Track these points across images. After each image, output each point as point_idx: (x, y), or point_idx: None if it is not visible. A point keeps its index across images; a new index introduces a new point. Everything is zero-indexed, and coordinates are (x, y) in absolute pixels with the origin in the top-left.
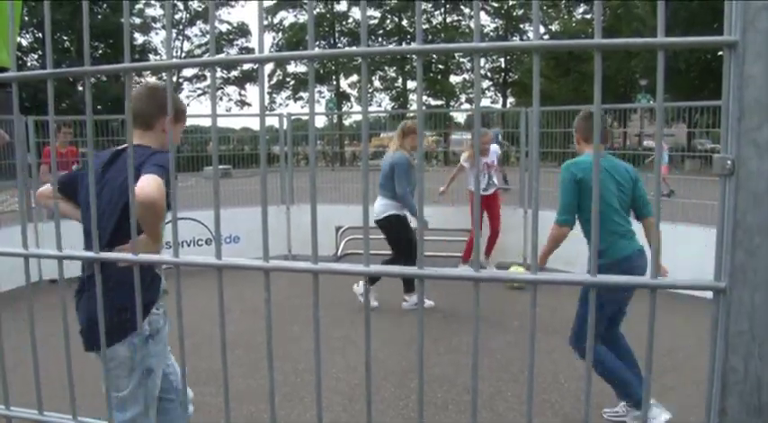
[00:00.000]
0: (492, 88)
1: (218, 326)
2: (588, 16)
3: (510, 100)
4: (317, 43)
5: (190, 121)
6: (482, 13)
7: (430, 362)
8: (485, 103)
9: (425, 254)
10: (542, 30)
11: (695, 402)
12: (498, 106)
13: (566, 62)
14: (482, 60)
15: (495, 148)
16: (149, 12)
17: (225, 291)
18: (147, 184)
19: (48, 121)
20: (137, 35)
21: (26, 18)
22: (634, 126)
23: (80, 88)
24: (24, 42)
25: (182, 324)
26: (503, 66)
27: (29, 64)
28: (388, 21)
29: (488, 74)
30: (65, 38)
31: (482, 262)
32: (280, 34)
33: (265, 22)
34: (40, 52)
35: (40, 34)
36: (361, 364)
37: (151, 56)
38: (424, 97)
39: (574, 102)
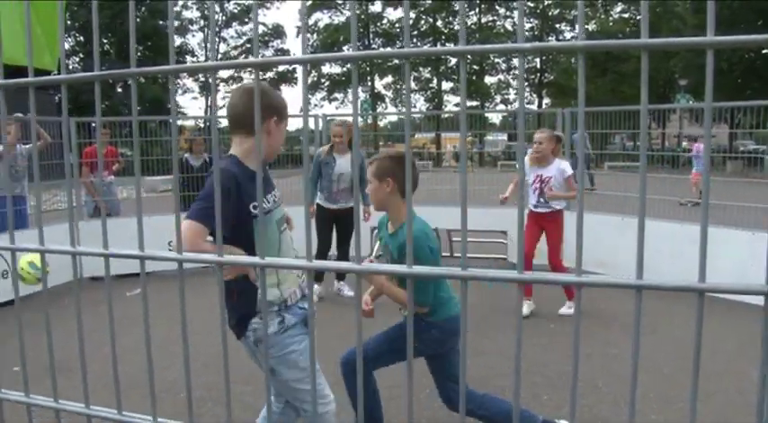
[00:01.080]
0: (528, 89)
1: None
2: (626, 15)
3: (546, 101)
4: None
5: (225, 123)
6: (517, 13)
7: (472, 361)
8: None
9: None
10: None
11: (738, 409)
12: (534, 107)
13: (603, 62)
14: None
15: (563, 165)
16: (186, 14)
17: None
18: (187, 234)
19: (88, 122)
20: (175, 37)
21: (68, 22)
22: (673, 127)
23: (119, 90)
24: (66, 46)
25: (224, 322)
26: (538, 66)
27: (70, 67)
28: (422, 22)
29: (524, 74)
30: (104, 41)
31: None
32: (315, 35)
33: (299, 23)
34: (80, 55)
35: (81, 38)
36: (399, 366)
37: (188, 57)
38: (457, 98)
39: (611, 102)
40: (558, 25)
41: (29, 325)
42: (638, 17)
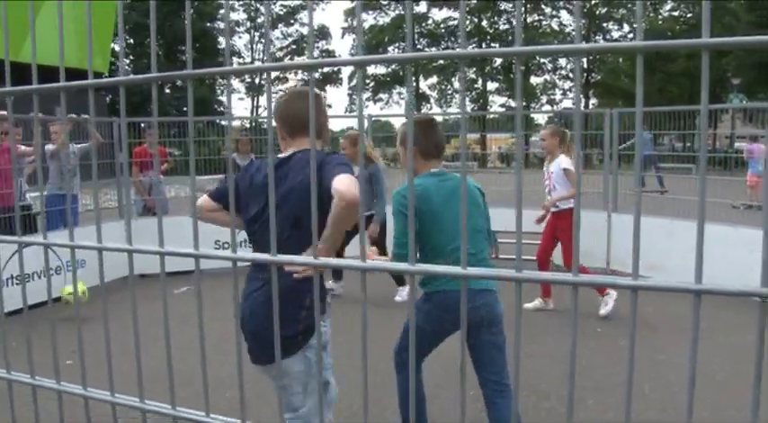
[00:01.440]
0: (574, 89)
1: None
2: (675, 13)
3: (592, 101)
4: (396, 45)
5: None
6: (563, 12)
7: (511, 366)
8: (565, 104)
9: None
10: (627, 29)
11: None
12: (580, 107)
13: (649, 62)
14: (563, 61)
15: (561, 160)
16: (233, 16)
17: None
18: (352, 185)
19: (138, 122)
20: (221, 39)
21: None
22: (724, 127)
23: (167, 91)
24: (116, 48)
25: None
26: (585, 66)
27: (122, 68)
28: (467, 21)
29: (569, 75)
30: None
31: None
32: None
33: (345, 24)
34: (131, 57)
35: (131, 40)
36: (440, 365)
37: (235, 59)
38: (503, 99)
39: (658, 102)
40: (605, 24)
41: (72, 321)
42: (688, 15)
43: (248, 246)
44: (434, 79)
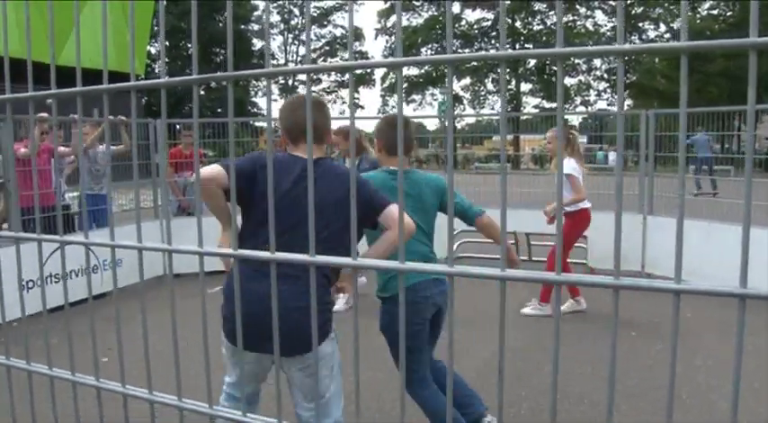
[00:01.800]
0: (609, 90)
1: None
2: (714, 12)
3: (628, 102)
4: (429, 46)
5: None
6: (598, 13)
7: (542, 370)
8: (600, 105)
9: (532, 258)
10: (663, 28)
11: None
12: (615, 108)
13: (689, 62)
14: (597, 61)
15: (566, 163)
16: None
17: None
18: (405, 215)
19: (173, 123)
20: (255, 41)
21: (155, 28)
22: (765, 128)
23: (202, 92)
24: (153, 50)
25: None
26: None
27: (156, 70)
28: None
29: (605, 75)
30: (188, 45)
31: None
32: (392, 37)
33: (378, 26)
34: (166, 59)
35: (167, 42)
36: (473, 368)
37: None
38: (537, 100)
39: (697, 103)
40: (641, 24)
41: (112, 319)
42: (727, 13)
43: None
44: (468, 81)
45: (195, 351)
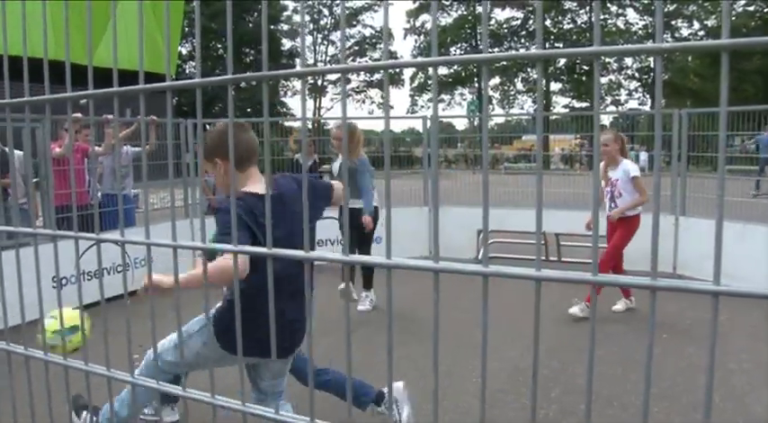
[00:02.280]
0: (640, 89)
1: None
2: (751, 8)
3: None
4: (459, 46)
5: (332, 123)
6: (630, 11)
7: (573, 372)
8: (631, 105)
9: (561, 259)
10: (697, 26)
11: None
12: (647, 108)
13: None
14: (628, 60)
15: (628, 166)
16: (297, 18)
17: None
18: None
19: (206, 123)
20: (285, 41)
21: (186, 28)
22: None
23: (232, 93)
24: (184, 51)
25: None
26: (652, 65)
27: (187, 71)
28: (530, 21)
29: (636, 74)
30: (219, 46)
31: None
32: (422, 37)
33: (407, 25)
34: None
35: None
36: (501, 369)
37: (298, 61)
38: (567, 99)
39: (732, 102)
40: (673, 22)
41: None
42: (765, 10)
43: None
44: (497, 80)
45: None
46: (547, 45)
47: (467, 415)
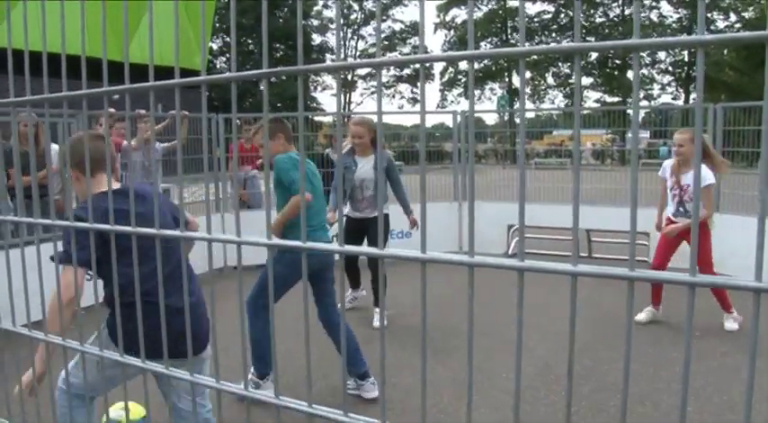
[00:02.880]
0: (673, 84)
1: (421, 318)
2: None
3: (693, 96)
4: (489, 40)
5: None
6: (663, 3)
7: (603, 369)
8: (664, 99)
9: (592, 255)
10: (734, 18)
11: None
12: (680, 102)
13: (759, 53)
14: (662, 54)
15: (703, 172)
16: (327, 13)
17: (398, 286)
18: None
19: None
20: (314, 36)
21: (216, 24)
22: None
23: (261, 88)
24: (214, 46)
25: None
26: (686, 59)
27: (218, 66)
28: (562, 15)
29: (669, 68)
30: (249, 41)
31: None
32: (452, 31)
33: (437, 20)
34: (227, 55)
35: (228, 38)
36: (531, 365)
37: (328, 55)
38: (598, 94)
39: None
40: (709, 14)
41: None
42: None
43: None
44: (528, 75)
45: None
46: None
47: (497, 411)
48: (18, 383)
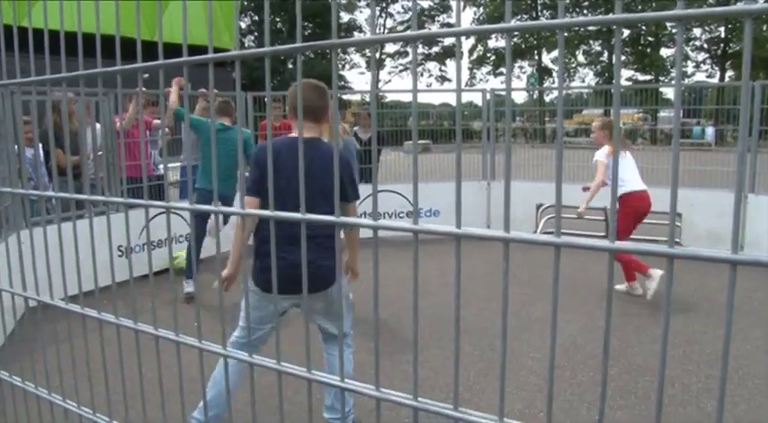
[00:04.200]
0: (708, 61)
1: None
2: None
3: (729, 73)
4: (518, 17)
5: (391, 97)
6: None
7: (632, 351)
8: (698, 77)
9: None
10: None
11: None
12: (714, 80)
13: None
14: (697, 31)
15: (600, 150)
16: None
17: (424, 263)
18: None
19: (262, 96)
20: (342, 14)
21: (245, 2)
22: None
23: (290, 66)
24: (242, 25)
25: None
26: (722, 35)
27: (246, 45)
28: None
29: (705, 45)
30: (277, 20)
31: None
32: (481, 9)
33: None
34: (255, 34)
35: (256, 17)
36: (558, 345)
37: (356, 33)
38: (630, 72)
39: None
40: None
41: (205, 286)
42: None
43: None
44: (557, 53)
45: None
46: (610, 15)
47: (523, 390)
48: (218, 279)
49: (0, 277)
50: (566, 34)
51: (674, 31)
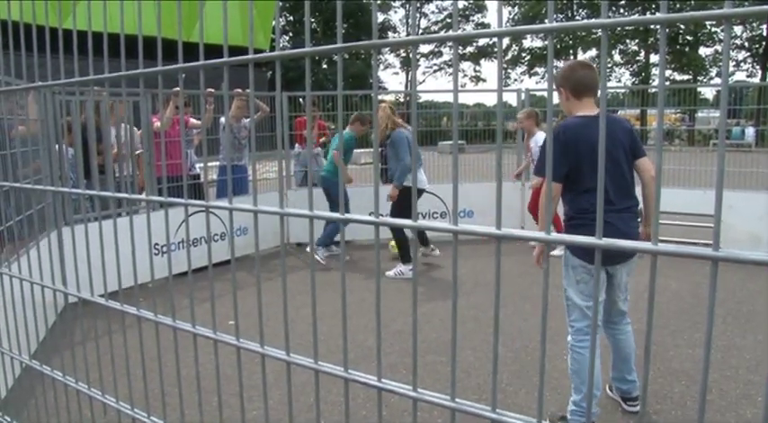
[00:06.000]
0: (749, 60)
1: (452, 295)
2: None
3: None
4: (555, 17)
5: (425, 97)
6: None
7: (668, 355)
8: (739, 76)
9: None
10: None
11: None
12: (756, 80)
13: None
14: (738, 29)
15: (538, 137)
16: None
17: (458, 264)
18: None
19: (297, 96)
20: (378, 14)
21: (279, 3)
22: None
23: (324, 66)
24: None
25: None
26: (764, 33)
27: (281, 45)
28: None
29: (746, 44)
30: (312, 20)
31: None
32: (516, 8)
33: None
34: (290, 34)
35: (291, 17)
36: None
37: (390, 33)
38: (667, 72)
39: None
40: None
41: (241, 285)
42: None
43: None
44: (593, 52)
45: (327, 317)
46: (647, 13)
47: (557, 392)
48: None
49: (42, 273)
50: (599, 33)
51: (713, 29)
